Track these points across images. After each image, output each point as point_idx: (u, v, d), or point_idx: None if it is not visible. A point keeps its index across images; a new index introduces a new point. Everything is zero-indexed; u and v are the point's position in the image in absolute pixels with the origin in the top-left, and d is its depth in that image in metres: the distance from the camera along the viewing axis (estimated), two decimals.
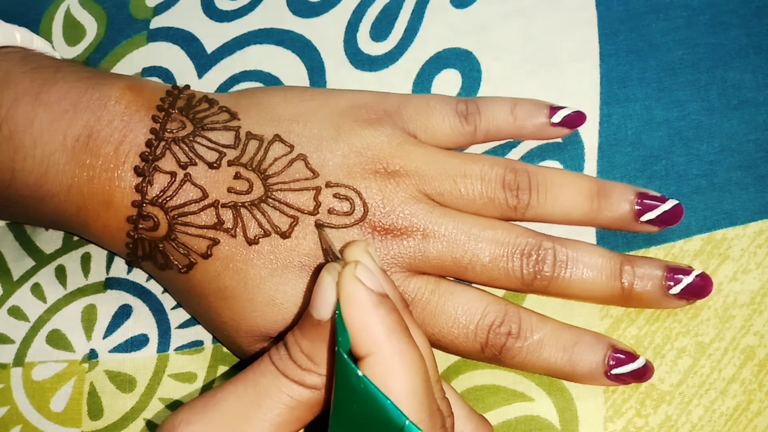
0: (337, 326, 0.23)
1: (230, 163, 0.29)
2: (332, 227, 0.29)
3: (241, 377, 0.25)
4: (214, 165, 0.29)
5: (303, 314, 0.25)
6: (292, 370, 0.24)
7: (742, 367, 0.29)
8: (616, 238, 0.31)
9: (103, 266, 0.34)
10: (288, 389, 0.24)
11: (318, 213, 0.29)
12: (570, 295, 0.30)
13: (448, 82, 0.34)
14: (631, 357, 0.29)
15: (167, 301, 0.33)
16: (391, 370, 0.22)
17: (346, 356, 0.22)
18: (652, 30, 0.34)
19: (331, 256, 0.26)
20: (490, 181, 0.30)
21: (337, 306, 0.23)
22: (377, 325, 0.22)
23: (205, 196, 0.29)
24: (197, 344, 0.33)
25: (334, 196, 0.29)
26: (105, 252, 0.34)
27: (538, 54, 0.34)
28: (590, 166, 0.32)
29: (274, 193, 0.29)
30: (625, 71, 0.33)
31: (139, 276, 0.34)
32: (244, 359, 0.31)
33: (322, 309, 0.24)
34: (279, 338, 0.29)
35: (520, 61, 0.34)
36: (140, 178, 0.29)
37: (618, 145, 0.32)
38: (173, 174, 0.29)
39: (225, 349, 0.32)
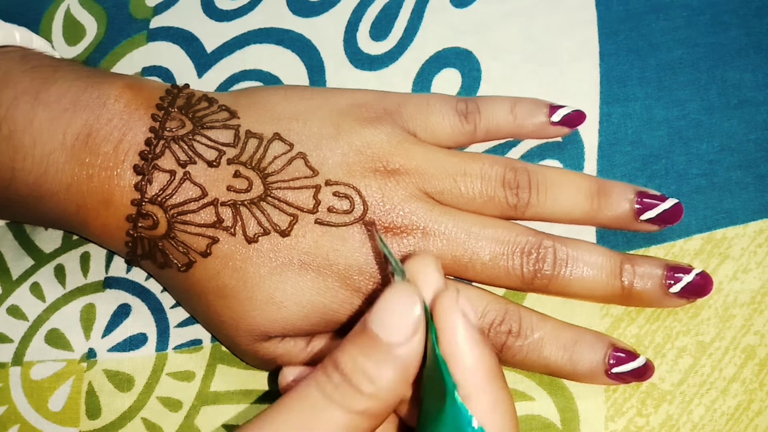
0: (439, 364, 0.21)
1: (230, 162, 0.29)
2: (332, 225, 0.29)
3: (287, 406, 0.22)
4: (214, 163, 0.29)
5: (360, 332, 0.22)
6: (351, 398, 0.21)
7: (743, 366, 0.29)
8: (616, 237, 0.31)
9: (103, 265, 0.34)
10: (348, 420, 0.22)
11: (317, 211, 0.29)
12: (570, 293, 0.29)
13: (448, 81, 0.34)
14: (632, 356, 0.29)
15: (166, 300, 0.33)
16: (491, 418, 0.21)
17: (460, 402, 0.21)
18: (652, 30, 0.34)
19: (393, 268, 0.24)
20: (490, 179, 0.30)
21: (434, 337, 0.21)
22: (480, 368, 0.21)
23: (204, 194, 0.29)
24: (196, 343, 0.32)
25: (334, 194, 0.29)
26: (104, 251, 0.34)
27: (538, 54, 0.34)
28: (590, 165, 0.32)
29: (273, 191, 0.29)
30: (625, 71, 0.33)
31: (138, 275, 0.34)
32: (244, 359, 0.31)
33: (397, 332, 0.21)
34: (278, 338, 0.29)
35: (520, 60, 0.34)
36: (139, 177, 0.29)
37: (618, 145, 0.32)
38: (173, 172, 0.29)
39: (224, 348, 0.32)
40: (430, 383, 0.22)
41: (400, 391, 0.22)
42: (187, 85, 0.32)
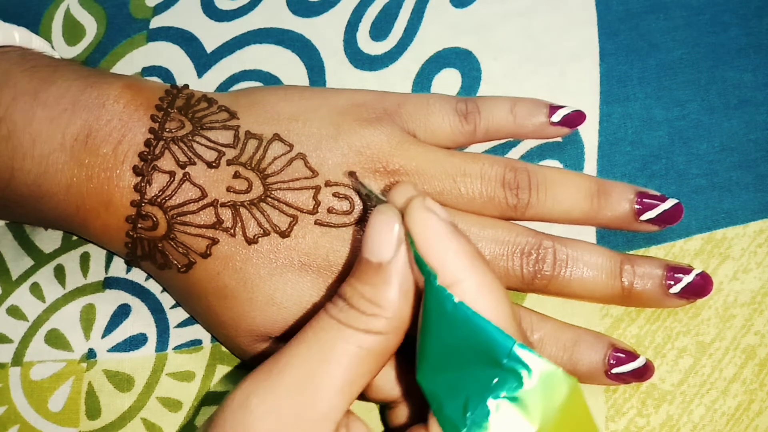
0: (416, 260, 0.22)
1: (229, 163, 0.29)
2: (332, 226, 0.29)
3: (300, 338, 0.24)
4: (213, 164, 0.29)
5: (356, 263, 0.24)
6: (356, 318, 0.23)
7: (743, 366, 0.29)
8: (616, 238, 0.31)
9: (102, 266, 0.34)
10: (355, 339, 0.23)
11: (317, 212, 0.29)
12: (570, 294, 0.29)
13: (448, 81, 0.34)
14: (632, 356, 0.29)
15: (166, 300, 0.33)
16: (481, 298, 0.22)
17: (437, 284, 0.22)
18: (652, 29, 0.34)
19: (374, 200, 0.25)
20: (489, 180, 0.30)
21: (410, 241, 0.22)
22: (459, 255, 0.22)
23: (204, 195, 0.29)
24: (196, 343, 0.32)
25: (334, 195, 0.29)
26: (104, 251, 0.34)
27: (538, 53, 0.34)
28: (590, 165, 0.32)
29: (273, 192, 0.29)
30: (625, 70, 0.33)
31: (138, 275, 0.34)
32: (244, 360, 0.31)
33: (382, 250, 0.23)
34: (280, 338, 0.29)
35: (520, 60, 0.34)
36: (139, 178, 0.29)
37: (618, 145, 0.32)
38: (172, 173, 0.29)
39: (224, 348, 0.32)
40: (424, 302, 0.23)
41: (402, 308, 0.23)
42: (186, 86, 0.32)
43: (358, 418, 0.24)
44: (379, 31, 0.36)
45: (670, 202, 0.30)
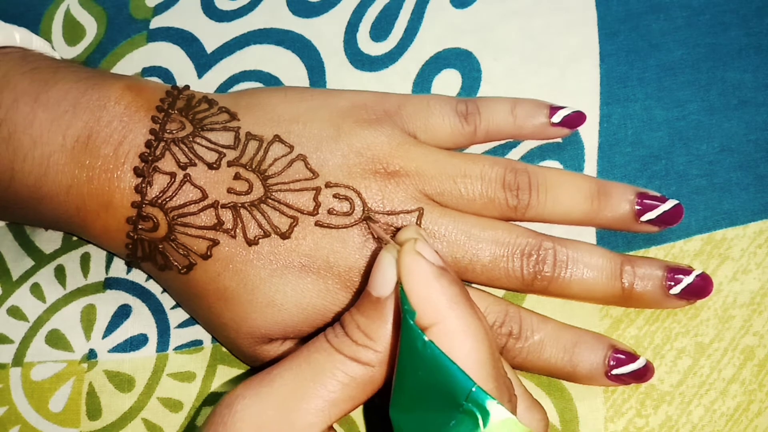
0: (401, 298, 0.23)
1: (230, 164, 0.29)
2: (332, 227, 0.29)
3: (296, 355, 0.25)
4: (214, 165, 0.29)
5: (361, 296, 0.25)
6: (348, 347, 0.24)
7: (742, 367, 0.29)
8: (616, 239, 0.31)
9: (103, 266, 0.34)
10: (342, 365, 0.24)
11: (318, 213, 0.29)
12: (570, 295, 0.30)
13: (448, 82, 0.34)
14: (632, 357, 0.29)
15: (167, 300, 0.33)
16: (456, 340, 0.22)
17: (412, 322, 0.22)
18: (652, 30, 0.34)
19: (384, 243, 0.26)
20: (490, 181, 0.30)
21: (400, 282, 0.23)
22: (440, 296, 0.23)
23: (204, 196, 0.29)
24: (196, 344, 0.32)
25: (334, 196, 0.29)
26: (104, 252, 0.34)
27: (538, 54, 0.34)
28: (590, 166, 0.32)
29: (273, 193, 0.29)
30: (625, 71, 0.33)
31: (138, 276, 0.34)
32: (245, 361, 0.31)
33: (382, 286, 0.24)
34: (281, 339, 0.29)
35: (520, 61, 0.34)
36: (140, 179, 0.29)
37: (618, 145, 0.32)
38: (173, 175, 0.29)
39: (224, 349, 0.32)
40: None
41: (393, 344, 0.24)
42: (187, 87, 0.32)
43: None
44: (380, 31, 0.36)
45: (670, 203, 0.30)
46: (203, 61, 0.36)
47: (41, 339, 0.33)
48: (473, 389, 0.21)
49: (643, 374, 0.29)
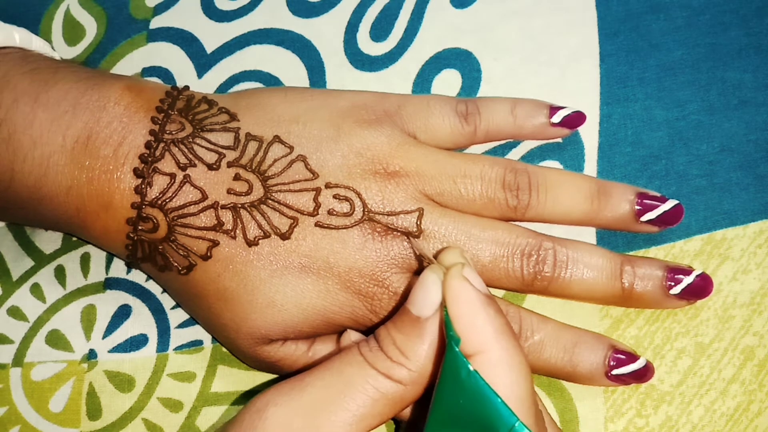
0: (446, 323, 0.23)
1: (230, 165, 0.29)
2: (332, 228, 0.29)
3: (328, 365, 0.25)
4: (214, 166, 0.29)
5: (399, 311, 0.25)
6: (381, 362, 0.24)
7: (742, 367, 0.29)
8: (616, 239, 0.31)
9: (103, 266, 0.34)
10: (374, 380, 0.24)
11: (318, 214, 0.29)
12: (570, 295, 0.30)
13: (448, 82, 0.34)
14: (632, 357, 0.29)
15: (167, 301, 0.33)
16: (500, 371, 0.22)
17: (457, 349, 0.22)
18: (652, 30, 0.34)
19: (426, 261, 0.26)
20: (490, 181, 0.30)
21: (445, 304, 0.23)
22: (487, 325, 0.23)
23: (204, 197, 0.29)
24: (197, 344, 0.33)
25: (334, 197, 0.29)
26: (104, 252, 0.34)
27: (538, 54, 0.34)
28: (590, 166, 0.32)
29: (273, 194, 0.29)
30: (625, 71, 0.33)
31: (138, 276, 0.34)
32: (245, 361, 0.31)
33: (424, 306, 0.24)
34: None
35: (520, 61, 0.34)
36: (139, 180, 0.29)
37: (618, 145, 0.32)
38: (172, 175, 0.29)
39: (224, 349, 0.32)
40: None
41: (426, 365, 0.24)
42: (186, 87, 0.32)
43: None
44: (379, 31, 0.36)
45: (670, 203, 0.30)
46: (203, 61, 0.36)
47: (41, 339, 0.33)
48: (516, 424, 0.21)
49: (643, 374, 0.29)
